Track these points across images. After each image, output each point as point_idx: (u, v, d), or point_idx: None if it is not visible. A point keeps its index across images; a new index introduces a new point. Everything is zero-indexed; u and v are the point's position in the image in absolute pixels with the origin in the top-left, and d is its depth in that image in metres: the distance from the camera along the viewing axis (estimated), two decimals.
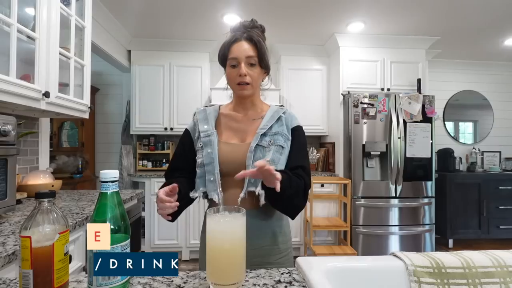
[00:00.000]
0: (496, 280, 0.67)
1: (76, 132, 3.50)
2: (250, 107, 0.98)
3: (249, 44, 0.91)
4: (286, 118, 0.96)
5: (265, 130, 0.91)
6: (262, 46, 0.92)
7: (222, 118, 0.99)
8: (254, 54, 0.90)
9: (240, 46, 0.90)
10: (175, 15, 2.79)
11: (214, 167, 0.87)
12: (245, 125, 0.96)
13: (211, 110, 1.00)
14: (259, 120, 0.95)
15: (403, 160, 2.94)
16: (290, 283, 0.62)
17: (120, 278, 0.54)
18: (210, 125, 0.95)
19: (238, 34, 0.92)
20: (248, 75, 0.90)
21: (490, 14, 2.69)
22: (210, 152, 0.89)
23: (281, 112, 0.97)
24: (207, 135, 0.92)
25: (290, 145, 0.93)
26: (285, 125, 0.94)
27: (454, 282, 0.67)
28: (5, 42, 1.15)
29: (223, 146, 0.91)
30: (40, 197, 0.55)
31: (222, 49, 0.95)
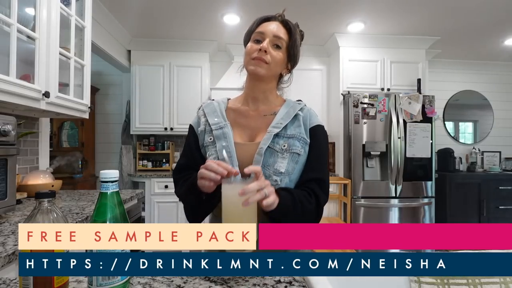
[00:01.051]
0: (496, 280, 0.67)
1: (76, 132, 3.50)
2: (262, 100, 0.85)
3: (282, 26, 0.82)
4: (304, 116, 0.82)
5: (279, 130, 0.78)
6: (295, 34, 0.83)
7: (230, 113, 0.85)
8: (284, 37, 0.80)
9: (270, 24, 0.81)
10: (175, 15, 2.79)
11: (233, 161, 0.75)
12: (255, 122, 0.83)
13: (219, 101, 0.87)
14: (272, 116, 0.82)
15: (403, 160, 2.94)
16: (290, 283, 0.62)
17: (120, 278, 0.54)
18: (222, 117, 0.82)
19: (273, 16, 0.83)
20: (269, 53, 0.78)
21: (490, 14, 2.69)
22: (226, 146, 0.76)
23: (298, 108, 0.83)
24: (220, 127, 0.80)
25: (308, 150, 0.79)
26: (303, 125, 0.80)
27: (454, 282, 0.67)
28: (5, 42, 1.15)
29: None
30: (40, 197, 0.55)
31: (251, 25, 0.84)
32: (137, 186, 3.46)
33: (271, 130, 0.78)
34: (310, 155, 0.79)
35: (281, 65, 0.82)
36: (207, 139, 0.81)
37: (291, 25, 0.83)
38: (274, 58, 0.79)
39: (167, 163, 3.61)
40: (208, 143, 0.80)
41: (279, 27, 0.81)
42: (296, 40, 0.83)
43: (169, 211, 3.16)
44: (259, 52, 0.77)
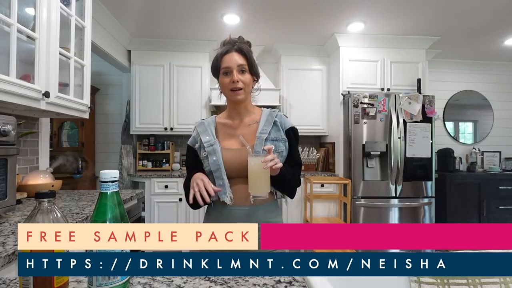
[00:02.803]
0: (496, 280, 0.67)
1: (76, 132, 3.50)
2: (244, 113, 1.07)
3: (239, 54, 1.01)
4: (280, 122, 1.05)
5: (266, 135, 1.00)
6: (251, 56, 1.03)
7: (220, 127, 1.08)
8: (244, 63, 1.00)
9: (231, 56, 1.00)
10: (175, 15, 2.79)
11: (221, 172, 0.98)
12: (242, 131, 1.05)
13: (209, 121, 1.10)
14: (255, 124, 1.05)
15: (403, 160, 2.94)
16: (290, 283, 0.62)
17: (120, 278, 0.54)
18: (211, 135, 1.04)
19: (229, 47, 1.02)
20: (240, 81, 0.99)
21: (490, 14, 2.69)
22: (216, 160, 0.98)
23: (274, 115, 1.06)
24: (210, 144, 1.01)
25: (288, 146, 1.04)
26: (281, 129, 1.04)
27: (454, 282, 0.67)
28: (5, 42, 1.14)
29: (226, 152, 1.00)
30: (40, 197, 0.55)
31: (214, 61, 1.04)
32: (137, 186, 3.47)
33: (260, 136, 1.01)
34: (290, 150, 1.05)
35: (250, 84, 1.04)
36: (202, 154, 1.03)
37: (245, 50, 1.01)
38: (244, 81, 1.00)
39: (167, 163, 3.61)
40: (203, 157, 1.03)
41: (237, 56, 1.00)
42: (252, 58, 1.03)
43: (169, 211, 3.16)
44: (232, 84, 0.99)
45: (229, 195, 0.97)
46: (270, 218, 1.02)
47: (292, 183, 1.03)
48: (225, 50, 1.01)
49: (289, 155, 1.05)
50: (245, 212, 0.99)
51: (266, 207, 1.02)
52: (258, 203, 1.00)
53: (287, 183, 1.01)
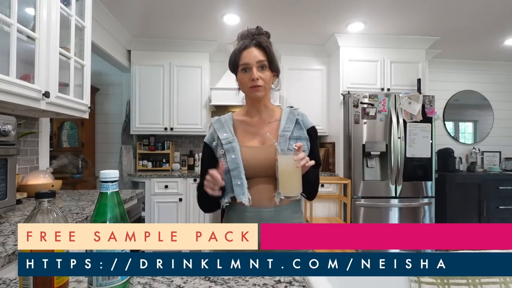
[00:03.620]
0: (496, 280, 0.67)
1: (76, 132, 3.50)
2: (263, 110, 1.02)
3: (259, 49, 0.95)
4: (302, 120, 1.02)
5: (289, 133, 0.97)
6: (271, 50, 0.97)
7: (238, 124, 1.03)
8: (264, 59, 0.95)
9: (250, 52, 0.94)
10: (175, 15, 2.79)
11: (240, 171, 0.92)
12: (261, 129, 1.00)
13: (226, 118, 1.04)
14: (275, 122, 1.01)
15: (403, 160, 2.94)
16: (290, 283, 0.62)
17: (120, 278, 0.54)
18: (229, 132, 0.99)
19: (247, 41, 0.96)
20: (260, 78, 0.94)
21: (490, 14, 2.69)
22: (234, 158, 0.93)
23: (296, 113, 1.03)
24: (229, 142, 0.96)
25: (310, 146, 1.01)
26: (303, 127, 1.01)
27: (454, 282, 0.67)
28: (5, 42, 1.14)
29: (245, 150, 0.96)
30: (40, 197, 0.55)
31: (232, 56, 0.98)
32: (137, 186, 3.46)
33: (284, 134, 0.97)
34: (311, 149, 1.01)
35: (270, 80, 0.99)
36: (219, 152, 0.97)
37: (264, 45, 0.96)
38: (264, 78, 0.95)
39: (167, 163, 3.61)
40: (220, 155, 0.96)
41: (257, 51, 0.95)
42: (272, 53, 0.97)
43: (169, 211, 3.16)
44: (252, 81, 0.94)
45: (247, 196, 0.91)
46: (296, 218, 0.98)
47: (316, 183, 1.01)
48: (244, 45, 0.95)
49: (310, 154, 1.00)
50: (271, 214, 0.94)
51: (291, 207, 0.98)
52: (283, 204, 0.95)
53: (313, 183, 0.98)
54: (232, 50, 0.99)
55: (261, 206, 0.94)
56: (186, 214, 3.18)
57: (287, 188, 0.88)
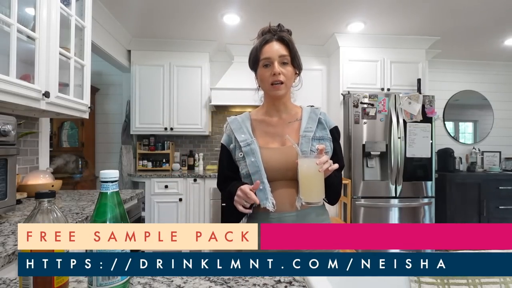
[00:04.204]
0: (496, 280, 0.67)
1: (76, 132, 3.50)
2: (283, 110, 0.98)
3: (281, 44, 0.92)
4: (325, 120, 0.97)
5: (312, 133, 0.92)
6: (293, 45, 0.93)
7: (256, 124, 0.98)
8: (286, 53, 0.91)
9: (272, 46, 0.91)
10: (175, 15, 2.79)
11: (261, 175, 0.88)
12: (281, 129, 0.95)
13: (243, 117, 1.00)
14: (296, 122, 0.96)
15: (403, 160, 2.94)
16: (290, 283, 0.62)
17: (120, 278, 0.54)
18: (248, 133, 0.94)
19: (269, 36, 0.92)
20: (281, 73, 0.90)
21: (490, 14, 2.69)
22: (254, 161, 0.89)
23: (318, 112, 0.98)
24: (247, 144, 0.92)
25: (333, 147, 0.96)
26: (326, 127, 0.96)
27: (454, 282, 0.67)
28: (5, 42, 1.14)
29: (265, 152, 0.91)
30: (40, 197, 0.55)
31: (253, 51, 0.94)
32: (137, 186, 3.46)
33: (306, 134, 0.92)
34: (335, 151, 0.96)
35: (292, 77, 0.94)
36: (238, 155, 0.93)
37: (286, 39, 0.92)
38: (286, 74, 0.91)
39: (167, 163, 3.61)
40: (239, 158, 0.93)
41: (279, 46, 0.91)
42: (294, 49, 0.93)
43: (169, 211, 3.16)
44: (273, 76, 0.90)
45: (271, 200, 0.87)
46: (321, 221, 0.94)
47: (339, 188, 0.95)
48: (265, 40, 0.92)
49: (334, 156, 0.95)
50: (293, 219, 0.89)
51: (315, 210, 0.93)
52: (306, 207, 0.90)
53: (335, 187, 0.92)
54: (253, 46, 0.95)
55: (283, 210, 0.89)
56: (186, 214, 3.18)
57: (308, 193, 0.82)
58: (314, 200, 0.82)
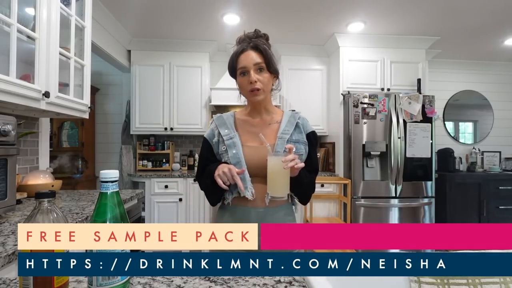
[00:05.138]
0: (496, 280, 0.67)
1: (76, 132, 3.50)
2: (264, 112, 1.04)
3: (256, 52, 0.96)
4: (302, 124, 1.03)
5: (288, 136, 0.98)
6: (268, 52, 0.97)
7: (240, 123, 1.04)
8: (261, 61, 0.96)
9: (247, 55, 0.96)
10: (175, 15, 2.79)
11: (242, 165, 0.94)
12: (261, 130, 1.01)
13: (227, 115, 1.06)
14: (275, 124, 1.03)
15: (403, 160, 2.94)
16: (290, 283, 0.62)
17: (120, 278, 0.54)
18: (231, 128, 1.01)
19: (244, 45, 0.97)
20: (258, 81, 0.95)
21: (490, 14, 2.69)
22: (236, 153, 0.95)
23: (297, 117, 1.04)
24: (230, 137, 0.98)
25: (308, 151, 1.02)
26: (303, 131, 1.02)
27: (454, 282, 0.67)
28: (5, 42, 1.14)
29: (246, 149, 0.97)
30: (40, 197, 0.55)
31: (230, 61, 1.00)
32: (137, 186, 3.46)
33: (282, 136, 0.98)
34: (309, 155, 1.02)
35: (270, 82, 1.00)
36: (221, 148, 0.99)
37: (261, 47, 0.97)
38: (263, 81, 0.96)
39: (167, 163, 3.61)
40: (222, 151, 0.99)
41: (254, 54, 0.96)
42: (269, 55, 0.97)
43: (169, 211, 3.16)
44: (250, 84, 0.95)
45: (250, 190, 0.93)
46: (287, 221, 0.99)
47: (308, 188, 1.00)
48: (241, 49, 0.97)
49: (308, 159, 1.01)
50: (261, 214, 0.96)
51: (283, 209, 0.99)
52: (273, 205, 0.97)
53: (304, 187, 0.98)
54: (230, 55, 1.01)
55: (254, 206, 0.96)
56: (186, 214, 3.18)
57: (273, 188, 0.89)
58: (278, 194, 0.89)
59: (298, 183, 0.93)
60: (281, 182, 0.88)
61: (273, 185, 0.89)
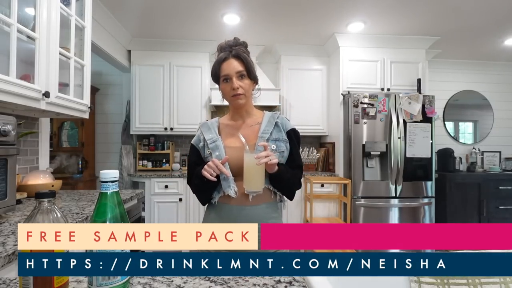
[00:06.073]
0: (496, 280, 0.67)
1: (76, 132, 3.50)
2: (246, 115, 1.11)
3: (237, 60, 1.03)
4: (281, 123, 1.09)
5: (268, 135, 1.04)
6: (248, 60, 1.05)
7: (223, 127, 1.12)
8: (242, 69, 1.03)
9: (229, 63, 1.03)
10: (175, 15, 2.79)
11: (225, 166, 0.98)
12: (244, 131, 1.07)
13: (212, 121, 1.14)
14: (257, 125, 1.09)
15: (403, 160, 2.94)
16: (290, 283, 0.62)
17: (120, 278, 0.54)
18: (214, 133, 1.08)
19: (226, 53, 1.04)
20: (240, 87, 1.03)
21: (490, 14, 2.69)
22: (218, 155, 1.01)
23: (276, 117, 1.10)
24: (213, 141, 1.05)
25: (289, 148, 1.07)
26: (282, 130, 1.08)
27: (454, 282, 0.67)
28: (5, 42, 1.14)
29: (228, 150, 1.03)
30: (40, 197, 0.55)
31: (213, 68, 1.07)
32: (137, 186, 3.46)
33: (262, 136, 1.04)
34: (291, 151, 1.08)
35: (250, 88, 1.08)
36: (206, 152, 1.06)
37: (242, 56, 1.04)
38: (244, 87, 1.04)
39: (167, 163, 3.61)
40: (207, 155, 1.05)
41: (236, 62, 1.03)
42: (249, 63, 1.05)
43: (169, 211, 3.16)
44: (233, 91, 1.03)
45: (233, 188, 0.99)
46: (270, 219, 1.03)
47: (290, 183, 1.05)
48: (223, 57, 1.04)
49: (290, 156, 1.07)
50: (245, 212, 1.00)
51: (266, 207, 1.03)
52: (256, 203, 1.01)
53: (285, 182, 1.03)
54: (213, 63, 1.07)
55: (238, 204, 1.01)
56: (186, 214, 3.18)
57: (248, 183, 0.95)
58: (253, 189, 0.95)
59: (278, 178, 1.00)
60: (256, 177, 0.94)
61: (248, 180, 0.95)
